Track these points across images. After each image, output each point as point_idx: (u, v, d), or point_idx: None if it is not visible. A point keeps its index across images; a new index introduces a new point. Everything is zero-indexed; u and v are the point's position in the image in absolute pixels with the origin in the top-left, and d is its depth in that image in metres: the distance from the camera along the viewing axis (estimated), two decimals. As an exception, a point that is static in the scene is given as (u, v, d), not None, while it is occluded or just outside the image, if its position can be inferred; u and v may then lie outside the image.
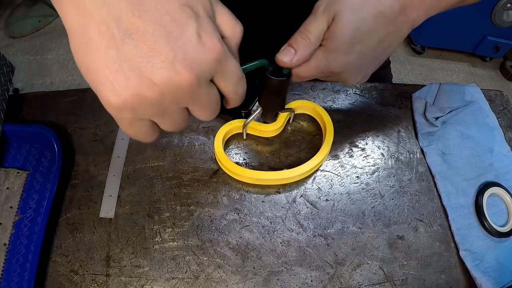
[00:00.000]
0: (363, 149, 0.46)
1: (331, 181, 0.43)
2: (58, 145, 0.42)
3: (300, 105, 0.47)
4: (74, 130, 0.46)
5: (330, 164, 0.44)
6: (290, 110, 0.44)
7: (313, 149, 0.45)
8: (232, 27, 0.25)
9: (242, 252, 0.39)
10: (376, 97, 0.50)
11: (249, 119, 0.42)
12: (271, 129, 0.45)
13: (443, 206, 0.42)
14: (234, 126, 0.44)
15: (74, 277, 0.37)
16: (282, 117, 0.45)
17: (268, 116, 0.43)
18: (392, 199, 0.42)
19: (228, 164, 0.41)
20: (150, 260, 0.38)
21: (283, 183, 0.42)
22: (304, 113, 0.48)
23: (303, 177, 0.43)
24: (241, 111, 0.44)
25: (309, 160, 0.42)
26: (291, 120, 0.47)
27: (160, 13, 0.20)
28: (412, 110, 0.49)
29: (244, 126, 0.43)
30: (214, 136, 0.46)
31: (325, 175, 0.44)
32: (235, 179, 0.43)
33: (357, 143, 0.46)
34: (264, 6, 0.49)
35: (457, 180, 0.44)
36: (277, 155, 0.44)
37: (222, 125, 0.45)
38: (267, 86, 0.37)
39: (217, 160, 0.43)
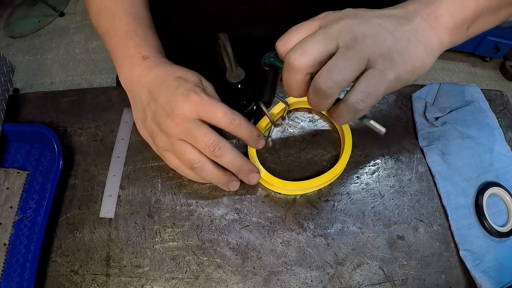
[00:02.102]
0: (363, 149, 0.46)
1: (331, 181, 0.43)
2: (58, 145, 0.42)
3: (302, 100, 0.47)
4: (74, 130, 0.46)
5: (330, 164, 0.45)
6: (285, 102, 0.45)
7: (314, 149, 0.45)
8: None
9: (242, 252, 0.39)
10: (376, 97, 0.50)
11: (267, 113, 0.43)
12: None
13: (443, 206, 0.42)
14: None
15: (74, 277, 0.37)
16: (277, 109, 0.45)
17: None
18: (392, 199, 0.42)
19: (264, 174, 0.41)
20: (150, 260, 0.38)
21: (308, 191, 0.42)
22: (304, 114, 0.48)
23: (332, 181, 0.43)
24: (243, 111, 0.44)
25: (337, 164, 0.42)
26: (285, 113, 0.47)
27: (162, 89, 0.38)
28: (412, 110, 0.49)
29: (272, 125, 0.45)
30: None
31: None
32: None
33: (357, 143, 0.46)
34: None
35: (457, 180, 0.44)
36: (277, 155, 0.44)
37: None
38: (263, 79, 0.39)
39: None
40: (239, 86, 0.44)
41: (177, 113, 0.35)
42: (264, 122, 0.45)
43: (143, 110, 0.39)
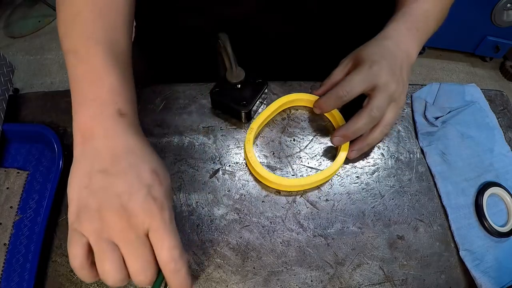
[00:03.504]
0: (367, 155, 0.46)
1: (331, 181, 0.43)
2: (58, 145, 0.42)
3: (301, 98, 0.47)
4: (74, 130, 0.46)
5: (330, 164, 0.44)
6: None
7: (313, 148, 0.45)
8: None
9: (242, 252, 0.39)
10: (376, 97, 0.50)
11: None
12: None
13: (443, 206, 0.42)
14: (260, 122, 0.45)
15: (74, 277, 0.37)
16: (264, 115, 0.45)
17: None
18: (392, 199, 0.42)
19: (259, 168, 0.41)
20: (150, 260, 0.38)
21: (305, 188, 0.42)
22: (304, 113, 0.48)
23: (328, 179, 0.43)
24: (241, 111, 0.44)
25: (335, 160, 0.42)
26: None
27: (131, 171, 0.29)
28: (412, 110, 0.49)
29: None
30: (214, 136, 0.46)
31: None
32: (234, 179, 0.43)
33: (357, 143, 0.46)
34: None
35: (457, 180, 0.44)
36: (277, 155, 0.44)
37: (221, 125, 0.46)
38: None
39: (248, 164, 0.43)
40: (239, 86, 0.44)
41: (131, 217, 0.27)
42: (258, 121, 0.45)
43: (89, 174, 0.28)
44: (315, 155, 0.45)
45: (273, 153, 0.45)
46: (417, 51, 0.43)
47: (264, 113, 0.45)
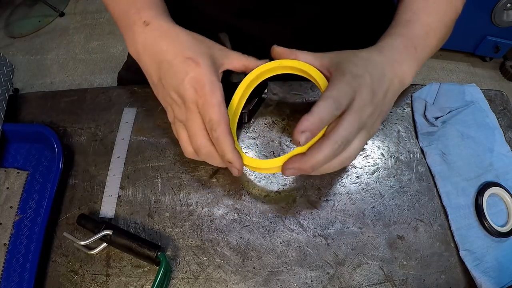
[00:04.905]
0: (363, 149, 0.46)
1: (331, 181, 0.43)
2: (58, 145, 0.42)
3: (278, 66, 0.40)
4: (74, 130, 0.46)
5: (330, 164, 0.44)
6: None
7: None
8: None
9: (242, 252, 0.39)
10: (376, 97, 0.50)
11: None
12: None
13: (443, 206, 0.42)
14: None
15: (74, 277, 0.37)
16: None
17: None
18: (392, 199, 0.42)
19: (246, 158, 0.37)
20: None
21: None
22: (303, 109, 0.48)
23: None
24: (241, 112, 0.44)
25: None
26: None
27: (171, 69, 0.35)
28: (412, 110, 0.49)
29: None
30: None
31: (325, 175, 0.44)
32: (235, 178, 0.43)
33: (357, 143, 0.46)
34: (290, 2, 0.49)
35: (457, 180, 0.44)
36: (277, 155, 0.44)
37: None
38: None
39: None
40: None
41: (188, 105, 0.34)
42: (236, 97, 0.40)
43: (153, 84, 0.38)
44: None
45: (273, 153, 0.45)
46: (413, 74, 0.38)
47: (239, 88, 0.40)
